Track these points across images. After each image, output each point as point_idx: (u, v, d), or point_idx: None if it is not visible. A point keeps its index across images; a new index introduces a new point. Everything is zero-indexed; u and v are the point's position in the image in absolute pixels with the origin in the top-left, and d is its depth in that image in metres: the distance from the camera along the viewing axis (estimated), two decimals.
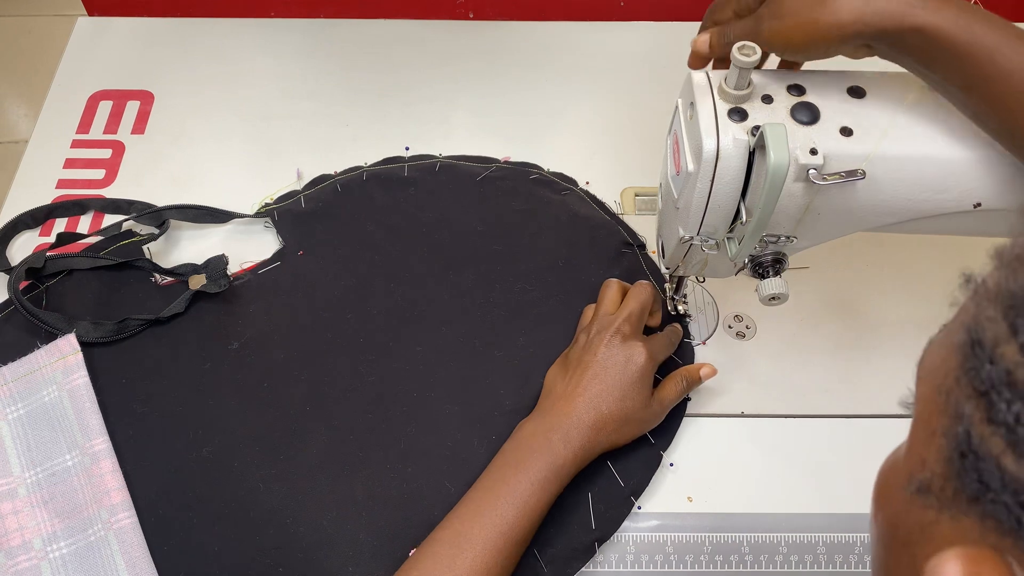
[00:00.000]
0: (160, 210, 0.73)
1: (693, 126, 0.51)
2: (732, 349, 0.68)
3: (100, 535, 0.56)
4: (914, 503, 0.27)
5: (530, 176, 0.77)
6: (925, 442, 0.27)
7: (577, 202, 0.75)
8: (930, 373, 0.27)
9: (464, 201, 0.74)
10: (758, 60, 0.48)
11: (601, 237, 0.72)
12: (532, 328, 0.67)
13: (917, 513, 0.27)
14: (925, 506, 0.26)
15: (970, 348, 0.25)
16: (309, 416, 0.62)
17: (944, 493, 0.25)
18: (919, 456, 0.27)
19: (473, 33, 0.91)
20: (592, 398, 0.56)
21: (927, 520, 0.26)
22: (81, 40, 0.89)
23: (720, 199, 0.51)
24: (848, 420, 0.64)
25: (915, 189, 0.50)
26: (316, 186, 0.76)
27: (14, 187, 0.76)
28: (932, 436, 0.26)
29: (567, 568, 0.57)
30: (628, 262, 0.71)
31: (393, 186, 0.75)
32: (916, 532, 0.27)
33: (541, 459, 0.54)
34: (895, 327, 0.69)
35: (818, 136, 0.49)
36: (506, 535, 0.52)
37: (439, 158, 0.78)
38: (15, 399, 0.61)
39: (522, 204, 0.74)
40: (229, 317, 0.67)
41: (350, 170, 0.77)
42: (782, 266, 0.55)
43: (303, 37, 0.90)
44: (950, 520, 0.25)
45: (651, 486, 0.60)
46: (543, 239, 0.72)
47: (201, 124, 0.82)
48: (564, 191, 0.76)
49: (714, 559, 0.59)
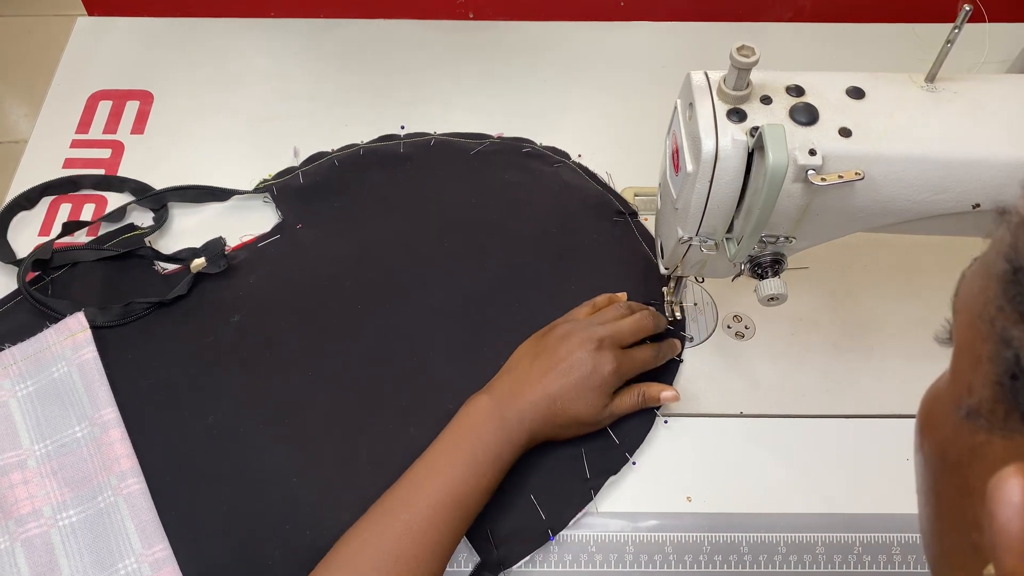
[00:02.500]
0: (160, 193, 0.75)
1: (692, 127, 0.51)
2: (731, 349, 0.68)
3: (110, 501, 0.57)
4: (963, 427, 0.28)
5: (523, 149, 0.79)
6: (971, 369, 0.28)
7: (569, 173, 0.77)
8: (968, 303, 0.28)
9: (458, 174, 0.77)
10: (757, 60, 0.48)
11: (593, 206, 0.74)
12: (525, 292, 0.68)
13: (967, 437, 0.28)
14: (975, 429, 0.27)
15: (1012, 275, 0.26)
16: (311, 381, 0.64)
17: (995, 415, 0.26)
18: (965, 383, 0.28)
19: (473, 33, 0.91)
20: (552, 392, 0.57)
21: (978, 442, 0.27)
22: (81, 40, 0.89)
23: (719, 199, 0.51)
24: (847, 420, 0.64)
25: (914, 190, 0.50)
26: (314, 163, 0.78)
27: (14, 187, 0.76)
28: (978, 362, 0.27)
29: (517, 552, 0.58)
30: (620, 230, 0.73)
31: (389, 161, 0.77)
32: (967, 454, 0.28)
33: (493, 433, 0.56)
34: (895, 327, 0.69)
35: (817, 137, 0.49)
36: (451, 503, 0.53)
37: (434, 135, 0.80)
38: (24, 377, 0.62)
39: (515, 176, 0.76)
40: (229, 291, 0.69)
41: (347, 147, 0.79)
42: (781, 266, 0.56)
43: (303, 37, 0.90)
44: (1002, 440, 0.26)
45: (651, 486, 0.61)
46: (536, 208, 0.74)
47: (201, 124, 0.82)
48: (556, 163, 0.78)
49: (713, 559, 0.59)
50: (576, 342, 0.59)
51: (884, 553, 0.59)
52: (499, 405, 0.57)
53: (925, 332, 0.72)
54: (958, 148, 0.49)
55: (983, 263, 0.28)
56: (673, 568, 0.59)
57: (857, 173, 0.49)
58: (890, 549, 0.59)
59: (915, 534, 0.59)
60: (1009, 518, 0.24)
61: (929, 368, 0.33)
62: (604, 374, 0.58)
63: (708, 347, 0.68)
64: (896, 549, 0.59)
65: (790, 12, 0.93)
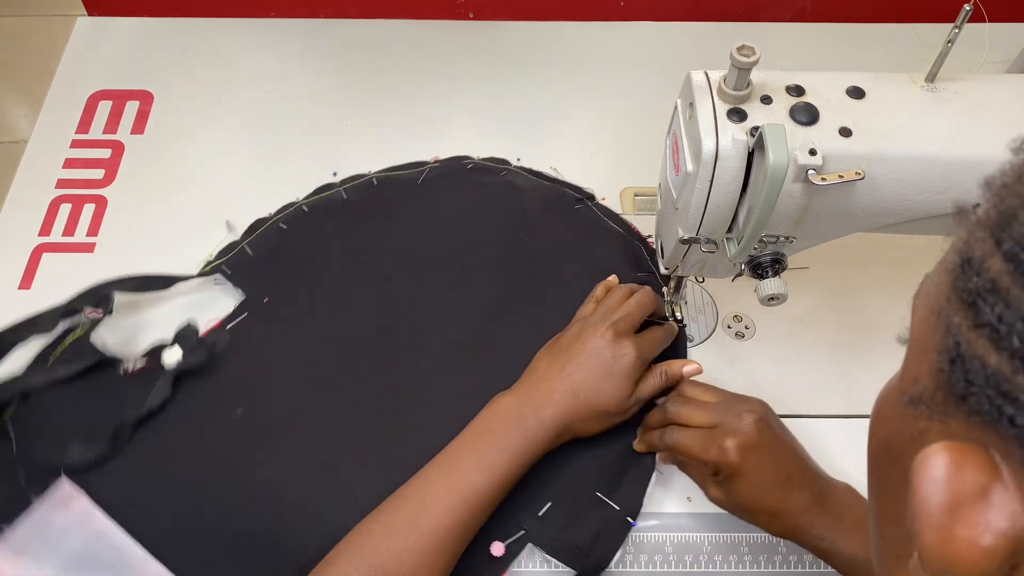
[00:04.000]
0: (97, 287, 0.66)
1: (692, 126, 0.51)
2: (731, 349, 0.68)
3: None
4: (906, 417, 0.29)
5: (467, 166, 0.77)
6: (918, 360, 0.29)
7: (517, 178, 0.76)
8: (924, 299, 0.30)
9: (412, 206, 0.74)
10: (757, 60, 0.48)
11: (552, 202, 0.74)
12: (521, 308, 0.67)
13: (909, 425, 0.28)
14: (916, 417, 0.28)
15: (960, 267, 0.27)
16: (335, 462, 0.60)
17: (935, 401, 0.27)
18: (912, 375, 0.29)
19: (473, 33, 0.91)
20: (572, 385, 0.57)
21: (919, 430, 0.28)
22: (81, 40, 0.89)
23: (719, 199, 0.51)
24: (847, 420, 0.64)
25: (914, 190, 0.50)
26: (254, 232, 0.73)
27: (14, 187, 0.76)
28: (924, 354, 0.28)
29: None
30: (585, 215, 0.73)
31: (336, 212, 0.74)
32: (908, 444, 0.28)
33: (512, 431, 0.55)
34: (894, 327, 0.68)
35: (817, 136, 0.49)
36: (471, 499, 0.53)
37: (370, 174, 0.77)
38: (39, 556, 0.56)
39: (469, 194, 0.75)
40: (218, 384, 0.63)
41: (285, 207, 0.74)
42: (781, 266, 0.56)
43: (303, 37, 0.90)
44: (939, 425, 0.27)
45: (650, 486, 0.60)
46: (502, 221, 0.73)
47: (201, 124, 0.82)
48: (502, 171, 0.77)
49: (713, 559, 0.59)
50: (591, 334, 0.58)
51: None
52: (519, 403, 0.57)
53: None
54: (958, 148, 0.49)
55: (941, 262, 0.29)
56: (674, 568, 0.59)
57: (857, 173, 0.49)
58: None
59: None
60: (930, 492, 0.25)
61: None
62: (627, 362, 0.57)
63: (708, 347, 0.68)
64: None
65: (790, 12, 0.93)
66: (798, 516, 0.53)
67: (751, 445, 0.54)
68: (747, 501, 0.54)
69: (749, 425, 0.54)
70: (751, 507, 0.54)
